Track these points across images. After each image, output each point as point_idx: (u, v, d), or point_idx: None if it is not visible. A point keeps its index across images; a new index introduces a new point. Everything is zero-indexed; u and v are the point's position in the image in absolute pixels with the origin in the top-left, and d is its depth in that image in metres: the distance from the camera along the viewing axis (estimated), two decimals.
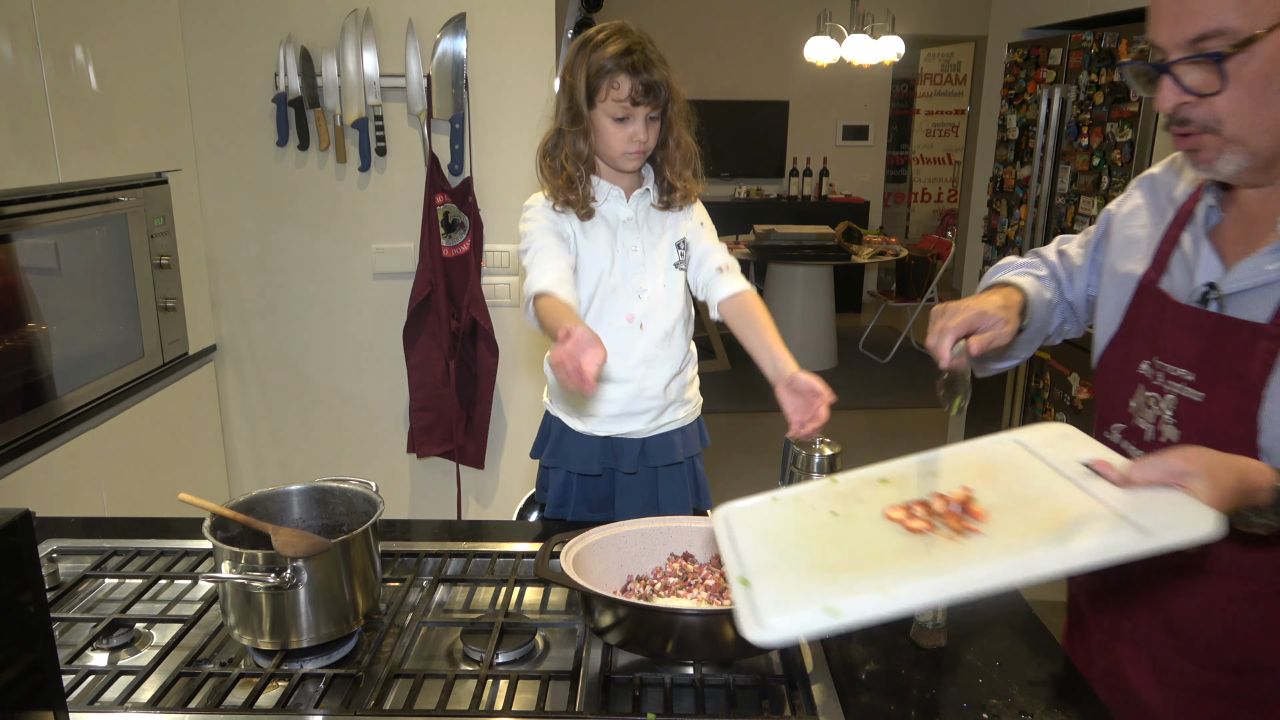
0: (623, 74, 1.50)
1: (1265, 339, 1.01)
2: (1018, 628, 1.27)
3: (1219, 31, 0.93)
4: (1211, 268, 1.09)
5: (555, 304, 1.39)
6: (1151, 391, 1.13)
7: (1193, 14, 0.94)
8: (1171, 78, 0.98)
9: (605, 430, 1.66)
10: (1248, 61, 0.93)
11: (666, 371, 1.64)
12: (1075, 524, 0.89)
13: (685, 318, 1.68)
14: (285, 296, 2.80)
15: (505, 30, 2.63)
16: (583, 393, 1.20)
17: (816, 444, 1.47)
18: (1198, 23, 0.94)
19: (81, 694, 1.12)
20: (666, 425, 1.68)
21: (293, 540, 1.13)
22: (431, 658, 1.23)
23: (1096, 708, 1.09)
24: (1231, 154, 1.00)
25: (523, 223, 1.61)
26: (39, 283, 2.00)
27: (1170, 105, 0.99)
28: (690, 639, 1.12)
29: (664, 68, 1.53)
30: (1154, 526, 0.85)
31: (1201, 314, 1.08)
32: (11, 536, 0.85)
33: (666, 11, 6.90)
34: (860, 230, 6.32)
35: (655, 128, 1.56)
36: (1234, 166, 1.01)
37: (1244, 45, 0.92)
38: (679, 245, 1.65)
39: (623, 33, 1.53)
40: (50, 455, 2.00)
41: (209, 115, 2.65)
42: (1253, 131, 0.97)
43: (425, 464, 2.91)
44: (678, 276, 1.65)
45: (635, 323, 1.61)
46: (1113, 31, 3.02)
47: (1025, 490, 0.97)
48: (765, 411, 5.15)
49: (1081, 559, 0.84)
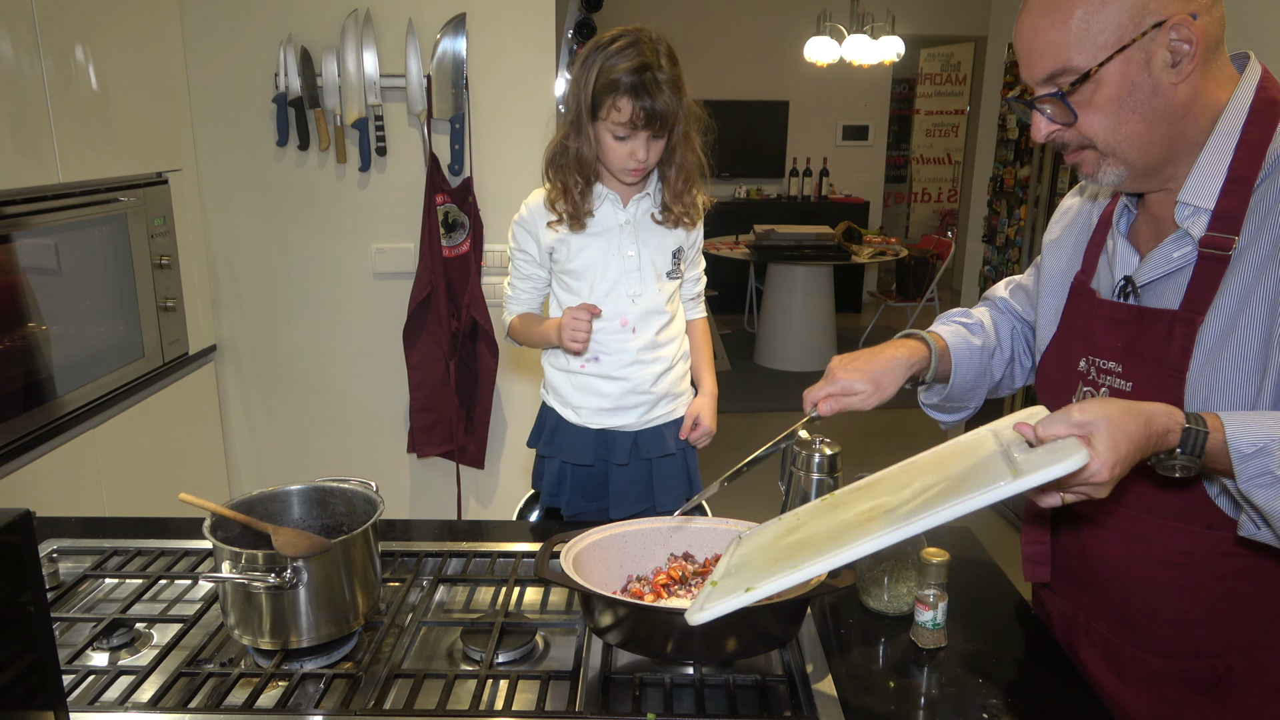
0: (625, 96, 1.47)
1: (1179, 324, 1.06)
2: (1018, 628, 1.27)
3: (1064, 70, 1.04)
4: (1128, 262, 1.16)
5: (524, 319, 1.73)
6: (1088, 387, 1.17)
7: (1040, 56, 1.05)
8: (1039, 111, 1.09)
9: (598, 423, 1.70)
10: (1096, 90, 1.04)
11: (657, 369, 1.68)
12: (967, 478, 0.96)
13: (674, 320, 1.72)
14: (285, 296, 2.80)
15: (505, 30, 2.63)
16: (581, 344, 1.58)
17: (816, 444, 1.47)
18: (1045, 64, 1.05)
19: (81, 694, 1.12)
20: (658, 419, 1.72)
21: (293, 540, 1.13)
22: (431, 658, 1.23)
23: (1097, 707, 1.09)
24: (1110, 166, 1.09)
25: (510, 238, 1.73)
26: (39, 283, 2.00)
27: (1043, 135, 1.11)
28: (690, 639, 1.11)
29: (673, 93, 1.49)
30: (1026, 468, 0.90)
31: (1122, 307, 1.14)
32: (11, 536, 0.85)
33: (667, 11, 6.90)
34: (860, 230, 6.32)
35: (658, 147, 1.55)
36: (1115, 177, 1.10)
37: (1084, 79, 1.03)
38: (675, 255, 1.68)
39: (637, 46, 1.48)
40: (50, 455, 2.00)
41: (209, 115, 2.65)
42: (1120, 146, 1.07)
43: (425, 464, 2.91)
44: (671, 284, 1.69)
45: (629, 327, 1.65)
46: None
47: (962, 468, 1.01)
48: (765, 411, 5.15)
49: (958, 507, 0.91)
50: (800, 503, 1.47)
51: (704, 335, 1.83)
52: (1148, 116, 1.04)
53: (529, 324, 1.72)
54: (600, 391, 1.68)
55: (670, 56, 1.52)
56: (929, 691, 1.13)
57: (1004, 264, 3.77)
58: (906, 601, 1.27)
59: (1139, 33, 1.00)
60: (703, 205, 1.69)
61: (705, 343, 1.83)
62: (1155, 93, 1.03)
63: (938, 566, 1.19)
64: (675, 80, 1.50)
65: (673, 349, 1.72)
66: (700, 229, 1.72)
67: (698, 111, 1.59)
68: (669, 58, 1.51)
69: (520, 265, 1.72)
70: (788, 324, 5.95)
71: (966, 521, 1.03)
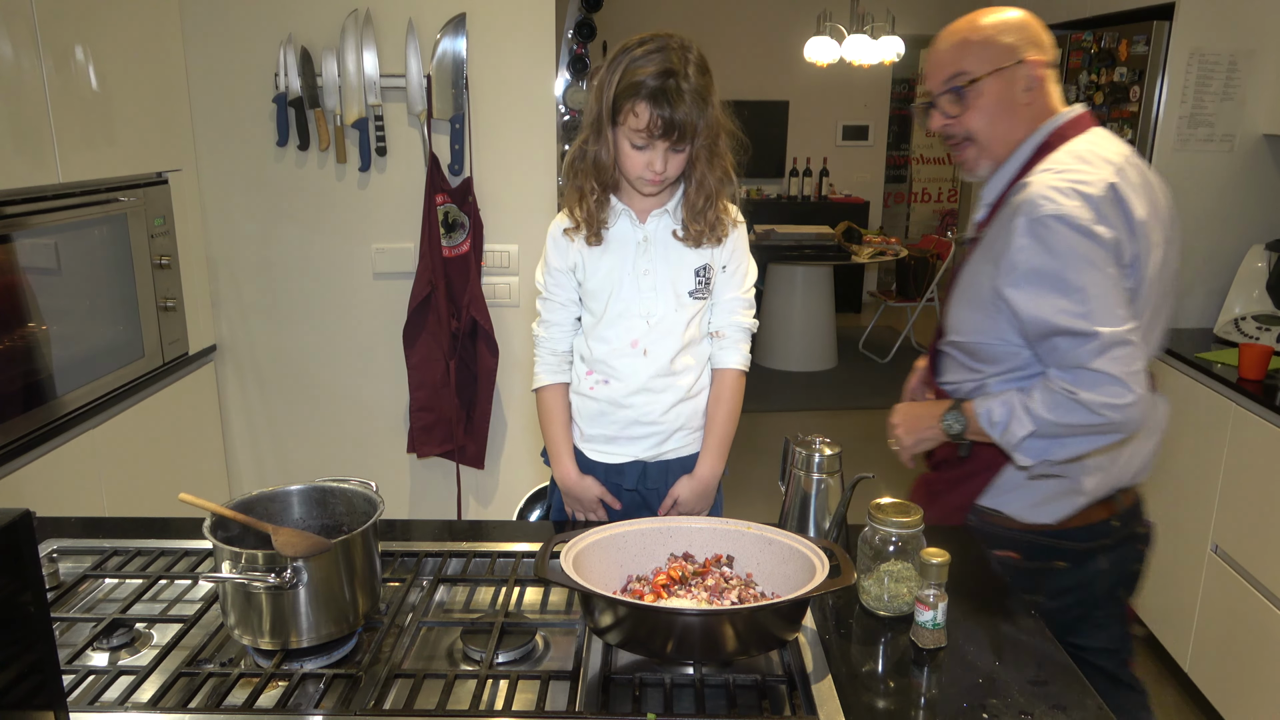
0: (644, 101, 1.39)
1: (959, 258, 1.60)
2: (1018, 628, 1.27)
3: (960, 73, 1.54)
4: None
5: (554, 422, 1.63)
6: None
7: (944, 65, 1.56)
8: (937, 109, 1.58)
9: (597, 456, 1.62)
10: (979, 94, 1.53)
11: (668, 399, 1.57)
12: None
13: (695, 344, 1.58)
14: (285, 296, 2.80)
15: (505, 30, 2.63)
16: None
17: (816, 444, 1.47)
18: (946, 70, 1.55)
19: (81, 694, 1.12)
20: (670, 452, 1.62)
21: (293, 540, 1.13)
22: (431, 658, 1.23)
23: (1097, 707, 1.09)
24: (984, 160, 1.58)
25: (541, 265, 1.61)
26: (39, 283, 2.00)
27: (937, 125, 1.59)
28: (690, 639, 1.12)
29: (697, 103, 1.40)
30: None
31: None
32: (11, 536, 0.85)
33: (667, 11, 6.90)
34: (860, 230, 6.32)
35: (679, 159, 1.46)
36: (986, 169, 1.59)
37: (975, 81, 1.52)
38: (700, 272, 1.55)
39: (663, 52, 1.40)
40: (50, 455, 2.00)
41: (209, 115, 2.65)
42: (993, 142, 1.55)
43: (425, 464, 2.91)
44: (694, 304, 1.56)
45: (639, 348, 1.55)
46: (1113, 31, 3.02)
47: None
48: (766, 412, 5.15)
49: None
50: (800, 502, 1.47)
51: (730, 394, 1.59)
52: (1009, 123, 1.54)
53: (549, 416, 1.63)
54: (608, 417, 1.59)
55: (700, 65, 1.42)
56: (929, 691, 1.13)
57: None
58: (906, 601, 1.27)
59: (1011, 63, 1.51)
60: (731, 222, 1.56)
61: (724, 405, 1.59)
62: (1014, 107, 1.53)
63: (938, 566, 1.19)
64: (701, 90, 1.41)
65: (689, 379, 1.57)
66: (736, 245, 1.57)
67: (729, 125, 1.49)
68: (698, 66, 1.42)
69: (552, 290, 1.61)
70: (787, 324, 5.95)
71: None
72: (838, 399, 5.42)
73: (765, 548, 1.28)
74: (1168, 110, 2.85)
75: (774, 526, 1.30)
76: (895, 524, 1.29)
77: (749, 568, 1.29)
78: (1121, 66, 2.97)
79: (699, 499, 1.61)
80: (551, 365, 1.63)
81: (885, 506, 1.31)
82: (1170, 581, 2.71)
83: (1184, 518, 2.65)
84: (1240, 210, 2.95)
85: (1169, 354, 2.75)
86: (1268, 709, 2.24)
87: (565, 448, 1.62)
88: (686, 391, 1.58)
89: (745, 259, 1.60)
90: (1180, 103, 2.84)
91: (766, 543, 1.28)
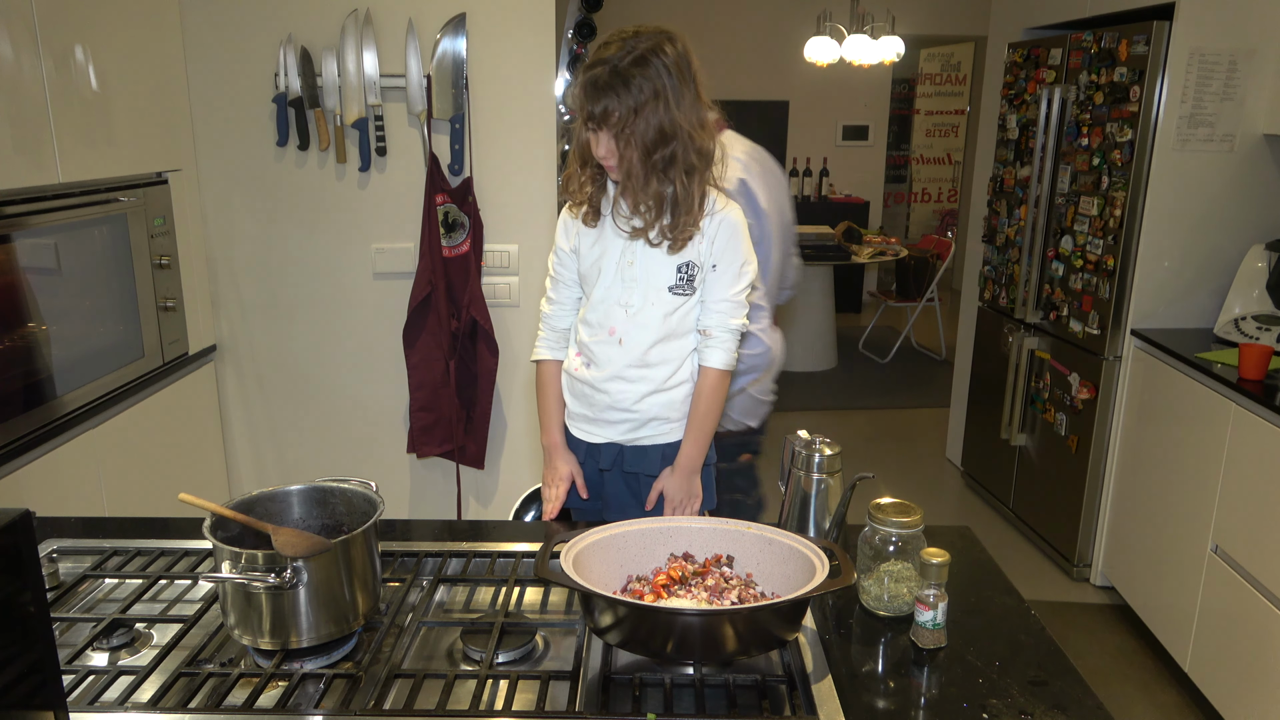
0: (579, 88, 1.47)
1: None
2: (1018, 628, 1.27)
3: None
4: None
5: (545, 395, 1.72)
6: None
7: None
8: None
9: (579, 433, 1.70)
10: None
11: (641, 389, 1.61)
12: None
13: (674, 338, 1.59)
14: (285, 296, 2.80)
15: (505, 30, 2.63)
16: None
17: (816, 444, 1.47)
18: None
19: (81, 694, 1.12)
20: (645, 439, 1.65)
21: (293, 540, 1.13)
22: (431, 658, 1.23)
23: (1096, 707, 1.09)
24: None
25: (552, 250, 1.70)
26: (39, 283, 2.00)
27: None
28: (690, 639, 1.12)
29: (623, 94, 1.42)
30: None
31: None
32: (11, 536, 0.85)
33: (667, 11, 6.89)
34: (860, 230, 6.32)
35: (613, 146, 1.48)
36: None
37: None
38: (682, 268, 1.55)
39: (619, 41, 1.46)
40: (50, 455, 2.00)
41: (209, 115, 2.65)
42: None
43: (425, 464, 2.91)
44: (674, 299, 1.57)
45: (615, 337, 1.60)
46: (1113, 31, 3.02)
47: None
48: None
49: None
50: (800, 502, 1.47)
51: (709, 392, 1.60)
52: None
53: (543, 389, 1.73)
54: (588, 399, 1.65)
55: (640, 60, 1.42)
56: (929, 691, 1.13)
57: (1004, 264, 3.77)
58: (906, 601, 1.27)
59: None
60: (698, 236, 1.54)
61: (702, 402, 1.60)
62: None
63: (938, 566, 1.19)
64: (626, 78, 1.42)
65: (665, 371, 1.60)
66: (728, 244, 1.55)
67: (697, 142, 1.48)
68: (638, 60, 1.42)
69: (557, 269, 1.67)
70: (788, 324, 5.95)
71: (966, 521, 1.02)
72: (838, 399, 5.42)
73: (765, 548, 1.28)
74: (1168, 110, 2.85)
75: (774, 526, 1.30)
76: (895, 524, 1.29)
77: (749, 568, 1.29)
78: (1121, 66, 2.97)
79: (681, 488, 1.65)
80: (550, 340, 1.72)
81: (885, 506, 1.32)
82: (1170, 581, 2.71)
83: (1184, 518, 2.65)
84: (1240, 210, 2.95)
85: (1169, 354, 2.75)
86: (1268, 709, 2.24)
87: (555, 419, 1.72)
88: (662, 383, 1.61)
89: (739, 258, 1.56)
90: (1180, 103, 2.84)
91: (766, 543, 1.28)
